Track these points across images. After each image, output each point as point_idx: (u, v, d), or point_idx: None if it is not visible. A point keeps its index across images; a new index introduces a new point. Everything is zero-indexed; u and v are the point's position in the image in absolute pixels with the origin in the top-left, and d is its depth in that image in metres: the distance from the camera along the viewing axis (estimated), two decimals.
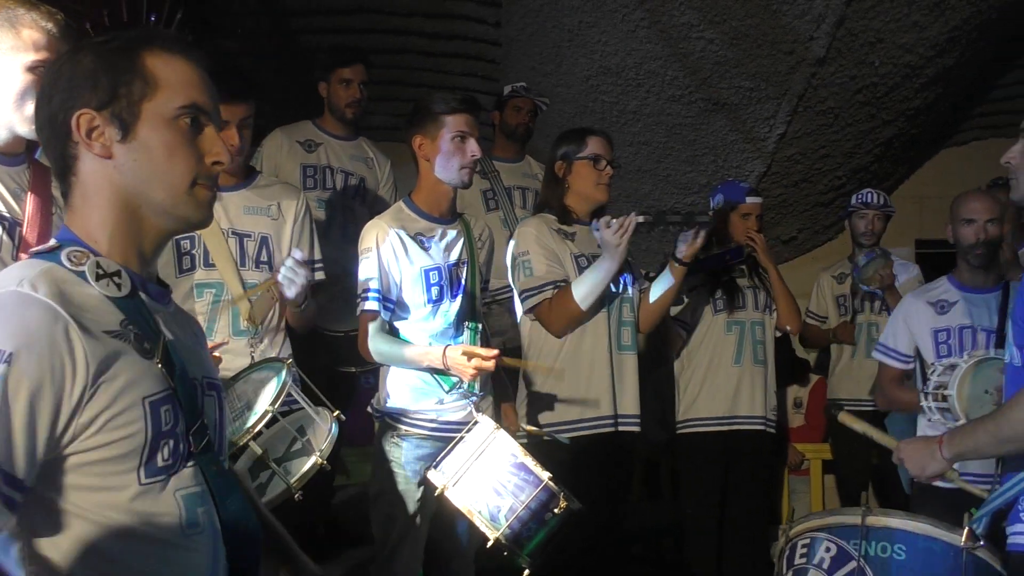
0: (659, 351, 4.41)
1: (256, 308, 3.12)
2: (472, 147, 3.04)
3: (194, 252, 3.11)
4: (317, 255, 3.40)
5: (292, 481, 2.61)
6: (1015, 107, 6.28)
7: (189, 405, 1.37)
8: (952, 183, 6.27)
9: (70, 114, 1.36)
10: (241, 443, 2.55)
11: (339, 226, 4.25)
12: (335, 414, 2.79)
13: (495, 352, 2.95)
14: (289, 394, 2.76)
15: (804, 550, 2.67)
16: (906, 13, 4.77)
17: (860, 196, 5.01)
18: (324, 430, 2.74)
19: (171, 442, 1.33)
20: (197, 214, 1.43)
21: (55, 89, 1.39)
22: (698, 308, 4.32)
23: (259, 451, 2.60)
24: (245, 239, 3.18)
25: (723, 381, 4.27)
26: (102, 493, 1.28)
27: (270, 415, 2.63)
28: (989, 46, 5.40)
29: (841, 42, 4.88)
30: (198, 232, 3.06)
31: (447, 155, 3.04)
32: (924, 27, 4.86)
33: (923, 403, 3.20)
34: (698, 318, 4.32)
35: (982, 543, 2.30)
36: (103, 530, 1.28)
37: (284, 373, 2.76)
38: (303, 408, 2.82)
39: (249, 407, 2.69)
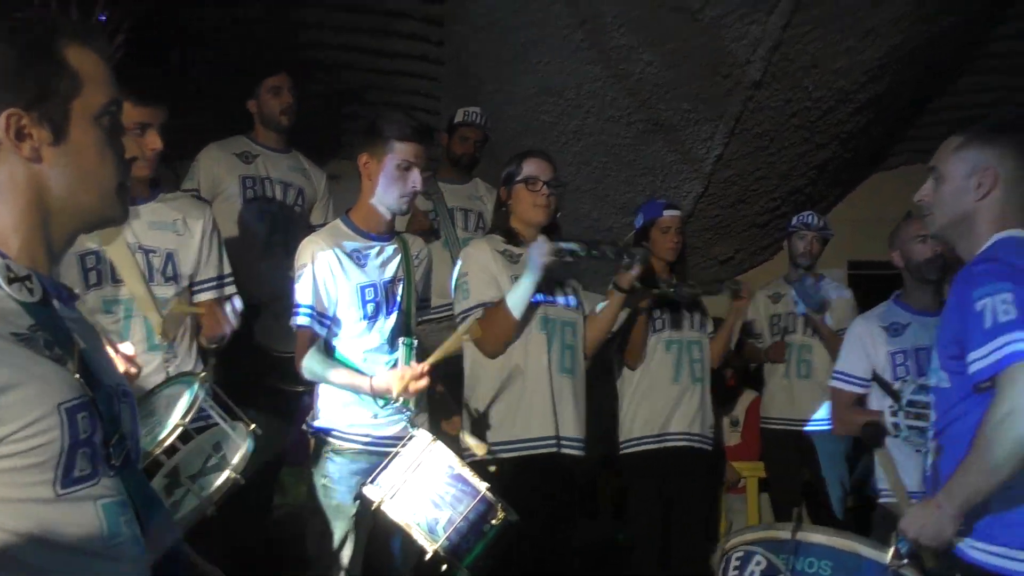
0: (601, 370, 4.43)
1: (167, 323, 3.07)
2: (414, 179, 3.05)
3: (100, 267, 3.04)
4: (227, 270, 3.37)
5: (206, 497, 2.59)
6: (943, 133, 6.41)
7: (108, 414, 1.31)
8: (884, 206, 6.41)
9: None
10: (154, 455, 2.51)
11: (280, 242, 4.22)
12: (251, 428, 2.76)
13: (422, 368, 2.92)
14: (203, 408, 2.73)
15: (737, 563, 2.68)
16: (840, 39, 4.88)
17: (801, 217, 5.12)
18: (239, 445, 2.71)
19: (88, 451, 1.27)
20: (121, 214, 1.40)
21: None
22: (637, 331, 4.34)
23: (169, 466, 2.56)
24: (151, 254, 3.13)
25: (662, 399, 4.33)
26: (18, 504, 1.22)
27: (181, 429, 2.59)
28: (918, 73, 5.55)
29: (777, 66, 4.97)
30: (102, 248, 3.02)
31: (389, 180, 3.05)
32: (857, 53, 4.98)
33: (891, 420, 3.26)
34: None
35: (906, 561, 2.34)
36: (22, 540, 1.22)
37: (196, 387, 2.71)
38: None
39: (161, 422, 2.65)
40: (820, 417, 4.96)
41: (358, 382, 2.98)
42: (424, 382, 2.92)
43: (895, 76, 5.31)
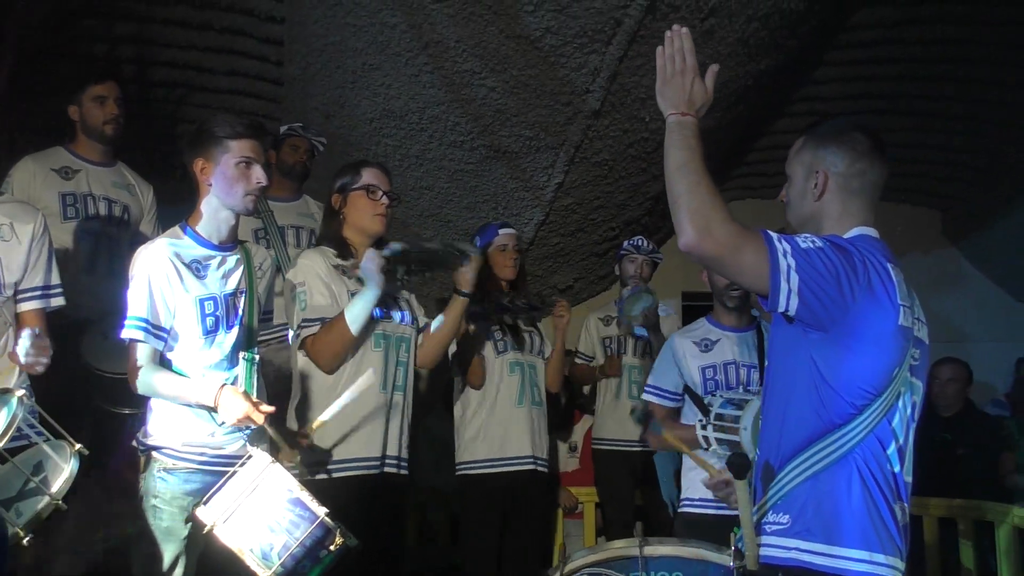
0: (429, 396, 4.39)
1: None
2: (258, 173, 2.94)
3: None
4: (55, 280, 3.21)
5: (20, 524, 2.45)
6: (769, 170, 6.78)
7: None
8: None
9: None
10: None
11: (104, 259, 4.02)
12: (75, 448, 2.59)
13: (270, 409, 2.82)
14: (20, 428, 2.56)
15: None
16: None
17: (632, 241, 5.25)
18: (61, 467, 2.55)
19: None
20: None
21: None
22: (476, 349, 4.33)
23: None
24: None
25: (507, 422, 4.30)
26: None
27: None
28: (745, 110, 5.82)
29: (615, 96, 5.10)
30: None
31: (231, 181, 2.92)
32: None
33: (701, 434, 3.34)
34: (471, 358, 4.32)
35: (744, 561, 2.39)
36: None
37: (14, 404, 2.54)
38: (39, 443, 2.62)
39: None
40: None
41: (202, 397, 2.82)
42: (259, 420, 2.80)
43: (724, 112, 5.54)
